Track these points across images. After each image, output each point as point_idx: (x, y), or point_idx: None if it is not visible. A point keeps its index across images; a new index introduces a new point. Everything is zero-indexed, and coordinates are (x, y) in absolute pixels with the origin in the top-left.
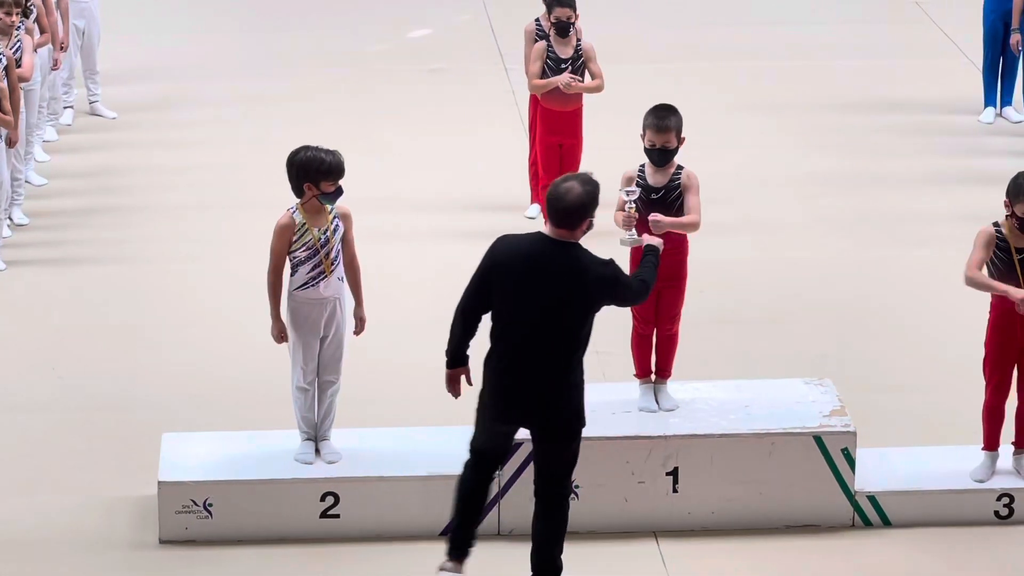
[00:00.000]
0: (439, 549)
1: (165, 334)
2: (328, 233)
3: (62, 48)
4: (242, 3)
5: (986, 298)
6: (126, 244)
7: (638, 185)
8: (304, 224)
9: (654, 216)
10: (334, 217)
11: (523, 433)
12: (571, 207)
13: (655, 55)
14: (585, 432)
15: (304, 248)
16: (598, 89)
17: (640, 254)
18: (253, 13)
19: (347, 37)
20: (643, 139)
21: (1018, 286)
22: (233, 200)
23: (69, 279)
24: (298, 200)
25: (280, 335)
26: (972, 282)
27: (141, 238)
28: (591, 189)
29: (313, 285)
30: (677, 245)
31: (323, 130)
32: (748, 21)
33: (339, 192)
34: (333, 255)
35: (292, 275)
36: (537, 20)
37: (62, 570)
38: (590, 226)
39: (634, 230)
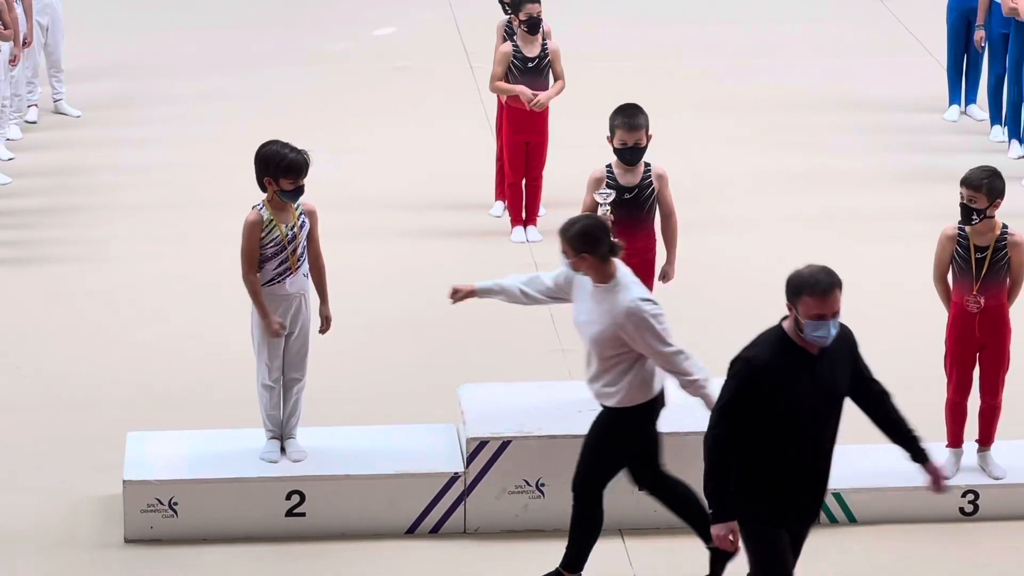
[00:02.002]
0: (406, 548)
1: (130, 333)
2: (295, 229)
3: (25, 44)
4: (206, 1)
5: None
6: (90, 243)
7: (608, 186)
8: (272, 220)
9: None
10: (300, 214)
11: (490, 430)
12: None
13: (619, 54)
14: (551, 430)
15: (272, 244)
16: (560, 92)
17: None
18: (218, 11)
19: (312, 35)
20: (611, 140)
21: (971, 283)
22: (197, 199)
23: (33, 278)
24: (263, 196)
25: (278, 327)
26: (936, 288)
27: (105, 237)
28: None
29: (279, 281)
30: (645, 245)
31: (288, 128)
32: (713, 19)
33: (299, 191)
34: (299, 252)
35: (259, 271)
36: (509, 18)
37: (26, 569)
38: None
39: None
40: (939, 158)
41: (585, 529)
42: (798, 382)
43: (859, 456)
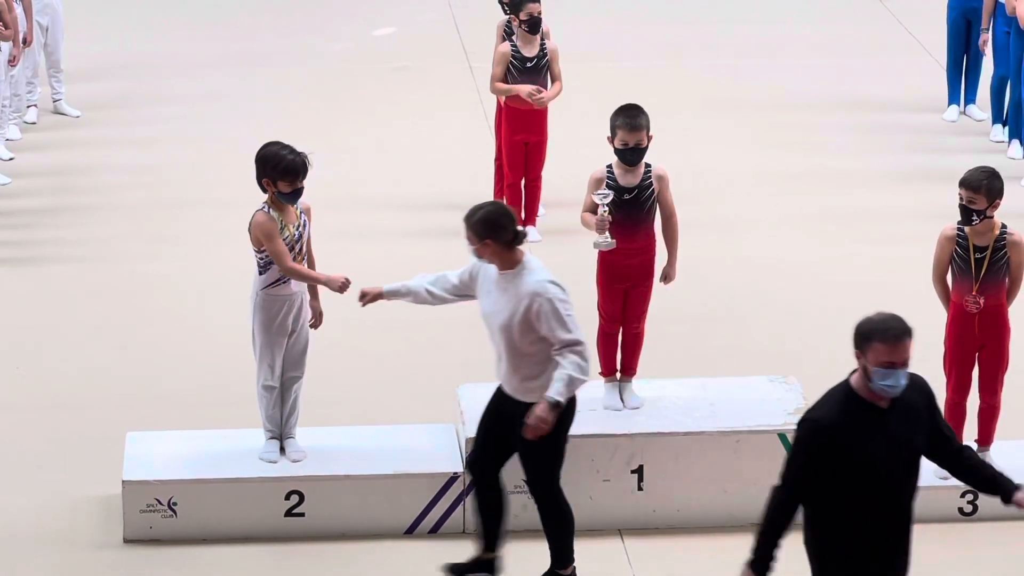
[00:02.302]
0: (405, 548)
1: (130, 333)
2: (300, 229)
3: (25, 44)
4: (205, 1)
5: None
6: (90, 243)
7: (608, 187)
8: (280, 220)
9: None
10: (300, 213)
11: None
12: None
13: (619, 54)
14: None
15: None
16: (558, 93)
17: (610, 256)
18: (217, 11)
19: (312, 35)
20: (611, 140)
21: (971, 284)
22: (197, 199)
23: (33, 278)
24: (265, 197)
25: (343, 281)
26: (935, 288)
27: (105, 237)
28: None
29: (285, 281)
30: (645, 246)
31: (287, 128)
32: (712, 19)
33: (297, 193)
34: (305, 250)
35: (260, 274)
36: (509, 18)
37: (26, 569)
38: None
39: (607, 233)
40: (938, 158)
41: (559, 523)
42: (870, 439)
43: None
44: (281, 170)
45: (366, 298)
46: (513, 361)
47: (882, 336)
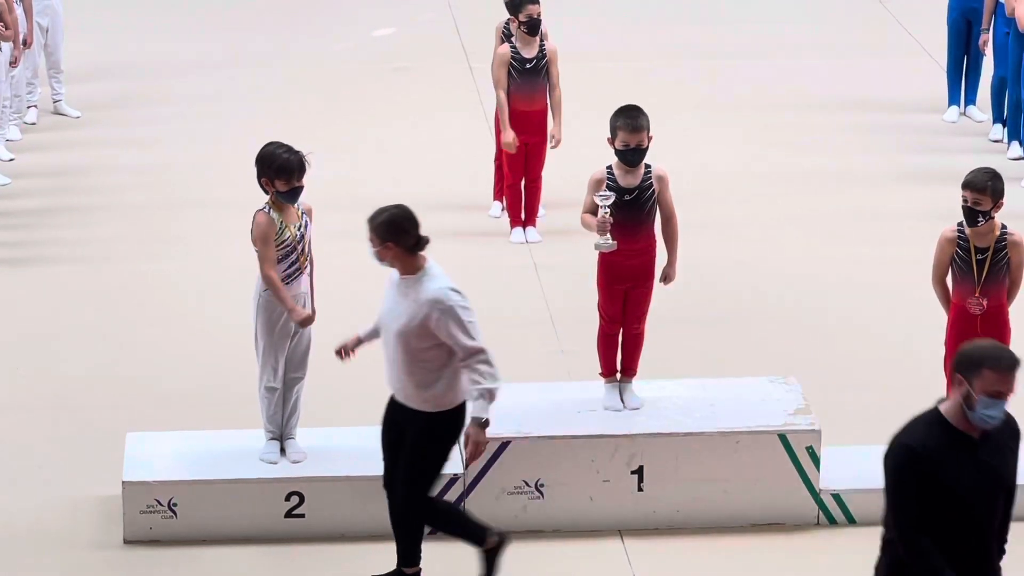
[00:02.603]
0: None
1: (130, 333)
2: (302, 230)
3: (26, 45)
4: (206, 2)
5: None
6: (90, 244)
7: (609, 188)
8: (282, 222)
9: (667, 278)
10: (302, 214)
11: (489, 431)
12: None
13: (619, 54)
14: (550, 431)
15: (283, 246)
16: (560, 104)
17: (610, 257)
18: (217, 12)
19: (311, 36)
20: (612, 142)
21: (973, 285)
22: (197, 199)
23: (33, 279)
24: (267, 198)
25: (305, 318)
26: (935, 290)
27: (105, 237)
28: None
29: (289, 282)
30: (646, 246)
31: (287, 128)
32: (712, 20)
33: (295, 192)
34: (307, 251)
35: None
36: (507, 20)
37: (25, 570)
38: None
39: (608, 235)
40: (939, 159)
41: (410, 528)
42: (961, 468)
43: (858, 457)
44: (276, 168)
45: (345, 350)
46: (407, 367)
47: (994, 364)
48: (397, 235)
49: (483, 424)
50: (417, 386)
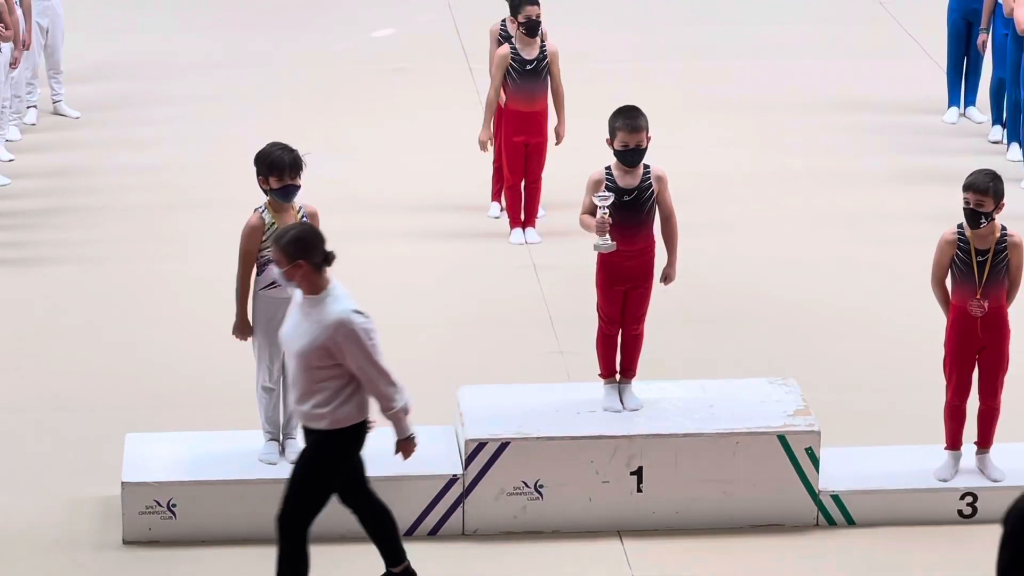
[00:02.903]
0: (404, 549)
1: (129, 334)
2: None
3: (25, 47)
4: (206, 2)
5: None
6: (89, 244)
7: (608, 188)
8: (273, 223)
9: (666, 279)
10: (302, 217)
11: (488, 432)
12: None
13: (618, 55)
14: (549, 432)
15: None
16: (563, 103)
17: (610, 257)
18: (216, 12)
19: (311, 36)
20: (611, 143)
21: (975, 287)
22: (196, 200)
23: (32, 279)
24: (266, 198)
25: (245, 334)
26: (934, 293)
27: (104, 238)
28: None
29: (279, 285)
30: (644, 247)
31: (286, 129)
32: (711, 21)
33: (288, 190)
34: None
35: (259, 275)
36: (503, 21)
37: (24, 570)
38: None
39: (608, 235)
40: (938, 160)
41: (294, 569)
42: None
43: (857, 458)
44: (268, 165)
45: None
46: (307, 387)
47: None
48: (307, 252)
49: (410, 439)
50: (314, 406)
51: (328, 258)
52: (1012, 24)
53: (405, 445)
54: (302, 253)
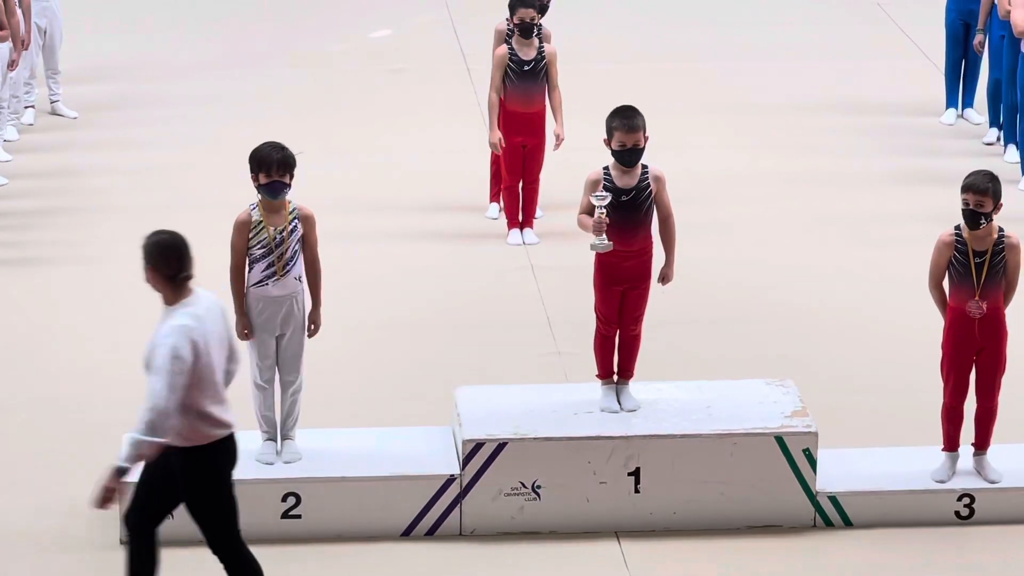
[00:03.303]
0: (401, 550)
1: (126, 334)
2: (284, 233)
3: (24, 46)
4: (203, 3)
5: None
6: (86, 244)
7: (605, 188)
8: (261, 222)
9: (664, 279)
10: (294, 218)
11: (486, 433)
12: None
13: (617, 56)
14: (547, 432)
15: (260, 246)
16: (561, 105)
17: (607, 258)
18: (214, 14)
19: (308, 37)
20: (608, 143)
21: (974, 289)
22: (193, 200)
23: (29, 279)
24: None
25: (244, 331)
26: (931, 295)
27: (101, 238)
28: None
29: (265, 284)
30: (642, 247)
31: (283, 130)
32: (709, 22)
33: (275, 186)
34: (288, 256)
35: (249, 271)
36: (508, 19)
37: (21, 571)
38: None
39: (604, 235)
40: (936, 161)
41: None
42: None
43: (855, 459)
44: (257, 161)
45: None
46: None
47: None
48: (156, 261)
49: (118, 471)
50: (174, 420)
51: (178, 276)
52: (1008, 26)
53: (109, 473)
54: (153, 260)
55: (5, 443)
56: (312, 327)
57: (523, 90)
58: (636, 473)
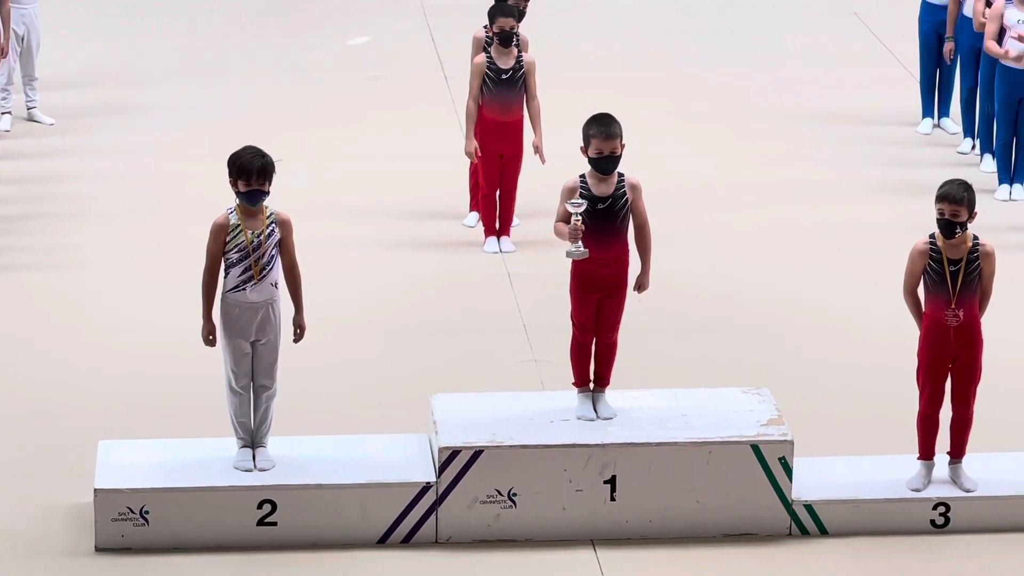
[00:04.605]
0: (377, 557)
1: (102, 340)
2: (261, 237)
3: (1, 54)
4: (181, 10)
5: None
6: (63, 250)
7: (582, 196)
8: (238, 225)
9: (640, 287)
10: (271, 223)
11: (462, 440)
12: None
13: (597, 64)
14: (523, 440)
15: (236, 250)
16: (539, 115)
17: (583, 266)
18: (191, 21)
19: (286, 44)
20: (585, 150)
21: (949, 297)
22: (170, 206)
23: (5, 285)
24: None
25: (209, 336)
26: (906, 303)
27: (78, 245)
28: None
29: (242, 289)
30: (619, 255)
31: (261, 136)
32: (688, 31)
33: (254, 195)
34: (264, 260)
35: (225, 276)
36: (486, 27)
37: None
38: None
39: (580, 242)
40: (913, 171)
41: None
42: None
43: (830, 467)
44: (237, 168)
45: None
46: None
47: None
48: None
49: None
50: None
51: None
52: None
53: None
54: None
55: None
56: (298, 331)
57: (501, 99)
58: (612, 481)
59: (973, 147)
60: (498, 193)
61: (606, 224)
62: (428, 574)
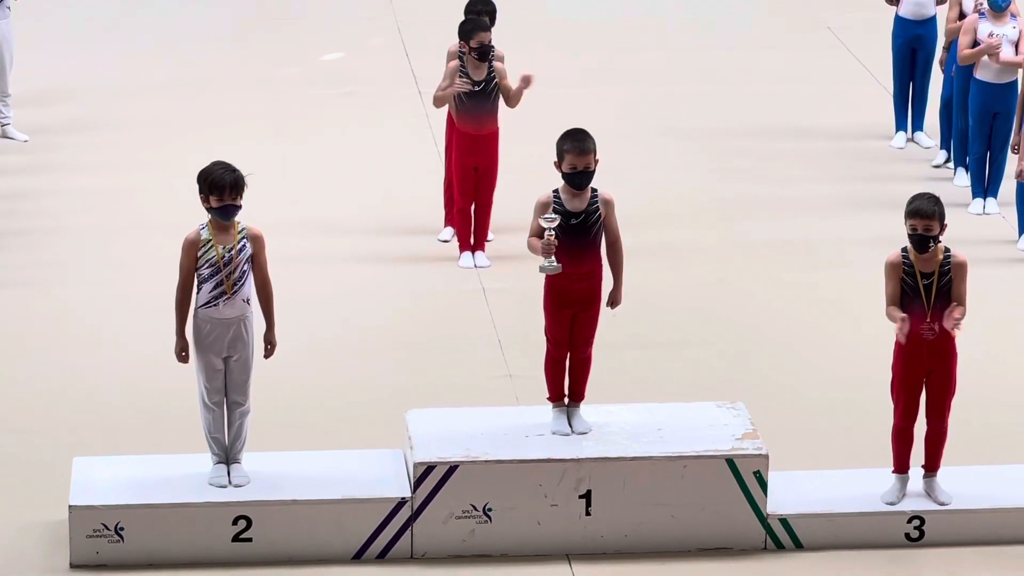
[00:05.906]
0: (353, 573)
1: (77, 357)
2: (232, 252)
3: None
4: (155, 26)
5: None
6: (37, 267)
7: (556, 211)
8: (209, 240)
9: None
10: (242, 238)
11: (437, 455)
12: None
13: (568, 79)
14: (498, 455)
15: (207, 265)
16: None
17: (557, 281)
18: (165, 36)
19: (260, 60)
20: (559, 166)
21: (924, 311)
22: (144, 223)
23: None
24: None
25: (181, 352)
26: (889, 316)
27: (52, 262)
28: None
29: (214, 304)
30: (592, 270)
31: (236, 153)
32: (661, 46)
33: (228, 210)
34: (236, 276)
35: (197, 292)
36: (461, 42)
37: None
38: None
39: (553, 257)
40: (886, 185)
41: None
42: None
43: (805, 481)
44: (209, 184)
45: None
46: None
47: None
48: None
49: None
50: None
51: None
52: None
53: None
54: None
55: None
56: (268, 347)
57: (474, 111)
58: (587, 496)
59: (947, 160)
60: (473, 208)
61: (579, 239)
62: None
